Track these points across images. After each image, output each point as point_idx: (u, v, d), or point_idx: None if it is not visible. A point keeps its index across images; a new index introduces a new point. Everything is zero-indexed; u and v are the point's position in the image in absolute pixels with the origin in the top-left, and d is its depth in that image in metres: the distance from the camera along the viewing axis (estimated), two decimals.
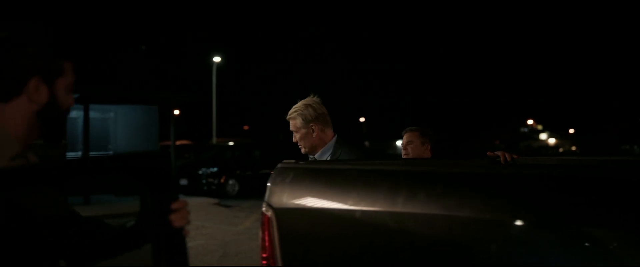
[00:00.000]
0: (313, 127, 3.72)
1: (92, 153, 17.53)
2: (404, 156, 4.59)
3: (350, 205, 2.29)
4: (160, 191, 1.74)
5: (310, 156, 3.81)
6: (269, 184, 2.63)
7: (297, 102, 3.82)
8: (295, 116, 3.75)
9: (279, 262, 2.46)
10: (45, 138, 1.83)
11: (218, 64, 38.56)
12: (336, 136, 3.76)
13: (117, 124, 18.88)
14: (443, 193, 2.10)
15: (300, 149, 3.89)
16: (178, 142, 22.23)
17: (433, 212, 2.07)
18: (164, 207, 1.74)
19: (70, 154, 16.60)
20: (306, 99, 3.82)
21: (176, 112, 20.03)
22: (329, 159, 3.63)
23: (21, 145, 1.74)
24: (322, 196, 2.44)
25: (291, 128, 3.77)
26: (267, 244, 2.51)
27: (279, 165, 2.67)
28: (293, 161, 2.73)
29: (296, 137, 3.76)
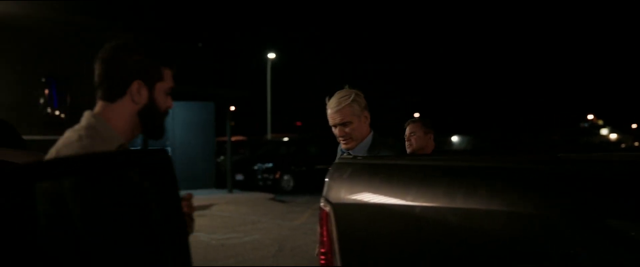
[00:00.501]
0: (366, 115, 3.35)
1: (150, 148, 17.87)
2: (407, 147, 4.59)
3: (409, 201, 2.27)
4: (163, 186, 1.77)
5: (344, 152, 3.41)
6: (327, 180, 2.63)
7: (334, 95, 3.37)
8: (350, 103, 3.28)
9: (337, 258, 2.46)
10: (147, 134, 2.10)
11: (272, 60, 38.84)
12: (372, 130, 3.42)
13: (174, 120, 19.22)
14: (505, 189, 2.06)
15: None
16: (233, 138, 22.48)
17: (494, 208, 2.03)
18: (167, 203, 1.79)
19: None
20: (344, 89, 3.39)
21: (232, 108, 20.25)
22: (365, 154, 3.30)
23: (125, 139, 2.02)
24: (381, 192, 2.42)
25: (339, 120, 3.29)
26: (325, 239, 2.51)
27: (337, 160, 2.67)
28: (351, 156, 2.72)
29: (344, 129, 3.30)
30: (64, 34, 14.29)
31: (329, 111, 3.33)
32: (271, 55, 38.66)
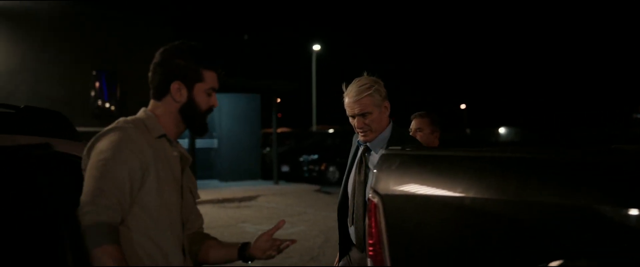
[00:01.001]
0: (386, 105, 3.13)
1: (198, 140, 18.16)
2: None
3: (459, 192, 2.24)
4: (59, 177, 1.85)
5: (361, 144, 3.21)
6: (375, 171, 2.62)
7: (353, 83, 3.15)
8: (372, 93, 3.06)
9: (386, 249, 2.45)
10: (190, 130, 2.32)
11: (318, 52, 38.86)
12: (391, 121, 3.20)
13: (221, 112, 19.41)
14: (556, 181, 2.03)
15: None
16: (279, 130, 22.61)
17: (546, 200, 2.00)
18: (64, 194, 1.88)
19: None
20: (364, 77, 3.16)
21: (277, 100, 20.36)
22: (384, 147, 3.04)
23: (170, 134, 2.27)
24: (430, 183, 2.40)
25: (358, 110, 3.08)
26: (373, 230, 2.51)
27: (385, 151, 2.66)
28: (399, 147, 2.71)
29: (363, 120, 3.07)
30: (113, 28, 14.56)
31: (346, 100, 3.13)
32: (316, 47, 38.69)
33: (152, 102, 2.30)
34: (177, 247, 2.21)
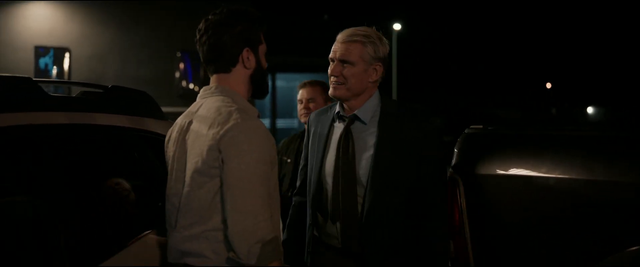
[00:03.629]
0: (376, 68, 2.46)
1: (279, 120, 18.39)
2: (302, 116, 3.85)
3: (543, 172, 2.19)
4: None
5: (338, 111, 2.54)
6: (455, 150, 2.58)
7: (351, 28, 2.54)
8: (365, 43, 2.44)
9: (467, 228, 2.43)
10: (255, 95, 2.23)
11: (399, 31, 38.50)
12: (379, 92, 2.56)
13: None
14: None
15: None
16: None
17: (635, 180, 1.93)
18: None
19: None
20: (368, 28, 2.53)
21: None
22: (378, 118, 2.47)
23: None
24: (512, 163, 2.35)
25: (340, 54, 2.46)
26: (455, 210, 2.48)
27: (466, 130, 2.62)
28: (480, 126, 2.66)
29: (342, 69, 2.44)
30: (196, 10, 14.83)
31: (335, 43, 2.56)
32: (397, 27, 38.34)
33: (218, 76, 2.15)
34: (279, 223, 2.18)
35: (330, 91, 2.48)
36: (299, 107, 3.91)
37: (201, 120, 2.05)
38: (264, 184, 1.93)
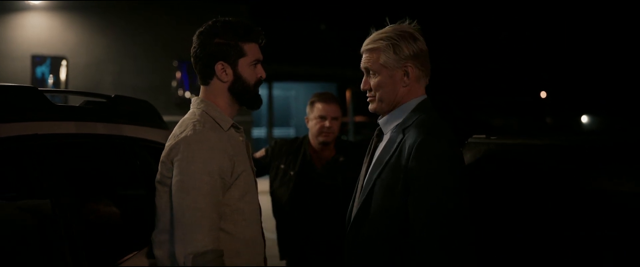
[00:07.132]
0: (407, 69, 2.15)
1: (275, 129, 18.40)
2: (322, 136, 3.45)
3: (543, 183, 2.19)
4: None
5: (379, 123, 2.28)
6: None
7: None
8: (383, 48, 2.15)
9: None
10: (245, 106, 2.26)
11: None
12: (425, 96, 2.21)
13: (298, 101, 19.59)
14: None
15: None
16: (356, 118, 22.60)
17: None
18: None
19: (255, 130, 17.52)
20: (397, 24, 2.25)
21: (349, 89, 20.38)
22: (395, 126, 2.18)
23: (228, 114, 2.20)
24: (515, 174, 2.36)
25: (362, 64, 2.24)
26: None
27: (470, 139, 2.61)
28: (483, 135, 2.64)
29: (370, 81, 2.21)
30: (192, 18, 14.82)
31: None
32: None
33: (201, 88, 2.24)
34: (259, 233, 2.23)
35: (370, 107, 2.24)
36: (320, 123, 3.43)
37: (173, 132, 2.14)
38: (208, 195, 1.98)
